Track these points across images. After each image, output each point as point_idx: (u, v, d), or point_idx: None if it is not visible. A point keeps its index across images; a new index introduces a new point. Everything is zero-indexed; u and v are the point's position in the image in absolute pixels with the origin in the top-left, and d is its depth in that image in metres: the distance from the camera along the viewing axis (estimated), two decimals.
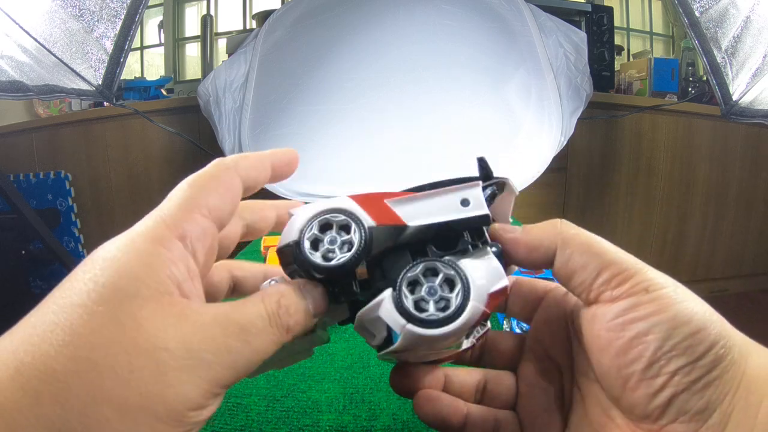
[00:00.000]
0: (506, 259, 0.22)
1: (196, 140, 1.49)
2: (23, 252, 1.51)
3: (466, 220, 0.21)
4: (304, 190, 1.14)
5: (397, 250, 0.21)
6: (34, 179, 1.67)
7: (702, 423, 0.18)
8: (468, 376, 0.25)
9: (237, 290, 0.25)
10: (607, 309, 0.19)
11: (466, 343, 0.23)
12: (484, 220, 0.21)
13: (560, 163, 1.55)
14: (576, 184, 1.62)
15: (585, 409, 0.22)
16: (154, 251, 0.17)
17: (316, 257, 0.20)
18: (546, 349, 0.24)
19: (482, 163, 0.23)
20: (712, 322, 0.18)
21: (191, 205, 0.19)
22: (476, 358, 0.26)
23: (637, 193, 1.67)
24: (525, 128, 1.15)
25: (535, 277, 0.60)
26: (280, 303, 0.19)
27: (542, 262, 0.21)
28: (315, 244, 0.20)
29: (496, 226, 0.22)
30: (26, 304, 0.16)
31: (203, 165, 0.20)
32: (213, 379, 0.16)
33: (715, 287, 1.80)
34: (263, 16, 1.46)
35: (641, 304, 0.19)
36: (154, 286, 0.16)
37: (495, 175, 0.23)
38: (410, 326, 0.19)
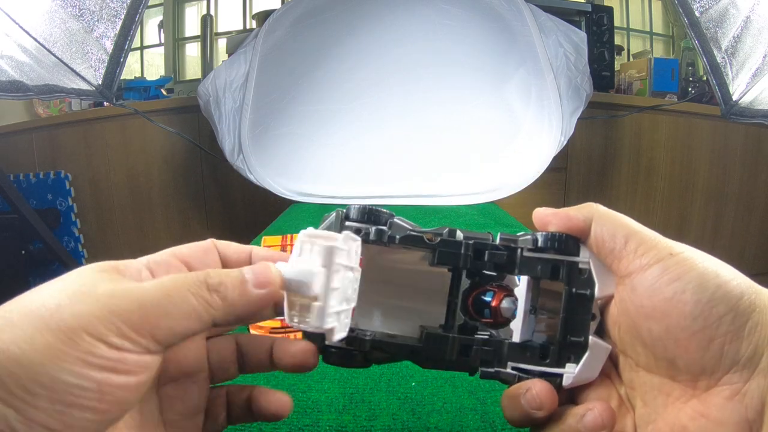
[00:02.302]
0: None
1: (196, 140, 1.49)
2: (23, 252, 1.51)
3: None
4: (304, 189, 1.14)
5: None
6: (34, 179, 1.67)
7: (753, 368, 0.19)
8: None
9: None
10: (643, 277, 0.22)
11: None
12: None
13: (560, 163, 1.55)
14: (576, 184, 1.62)
15: (643, 401, 0.23)
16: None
17: None
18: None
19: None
20: (736, 274, 0.21)
21: None
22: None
23: (637, 193, 1.67)
24: (525, 128, 1.14)
25: None
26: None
27: (580, 229, 0.25)
28: None
29: (543, 209, 0.26)
30: None
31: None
32: None
33: None
34: (263, 16, 1.45)
35: (670, 266, 0.21)
36: None
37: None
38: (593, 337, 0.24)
